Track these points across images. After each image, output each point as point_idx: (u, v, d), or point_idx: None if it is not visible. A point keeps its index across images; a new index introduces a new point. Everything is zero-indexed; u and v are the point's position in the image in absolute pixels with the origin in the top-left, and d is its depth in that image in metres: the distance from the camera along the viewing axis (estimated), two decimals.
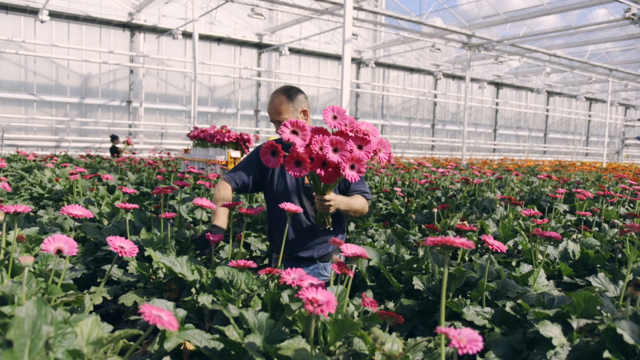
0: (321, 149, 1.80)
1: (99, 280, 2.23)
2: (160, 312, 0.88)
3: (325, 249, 2.47)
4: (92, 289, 1.94)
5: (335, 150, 1.82)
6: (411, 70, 23.20)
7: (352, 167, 1.82)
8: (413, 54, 22.33)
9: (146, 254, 2.08)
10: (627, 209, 4.23)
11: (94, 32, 15.65)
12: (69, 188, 4.28)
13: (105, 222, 2.90)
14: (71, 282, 1.79)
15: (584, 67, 21.15)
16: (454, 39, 17.04)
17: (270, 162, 1.91)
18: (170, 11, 16.33)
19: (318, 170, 1.85)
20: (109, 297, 1.88)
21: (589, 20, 18.76)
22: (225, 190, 2.41)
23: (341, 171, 1.79)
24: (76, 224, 3.06)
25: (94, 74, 15.96)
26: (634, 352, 1.27)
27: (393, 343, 1.05)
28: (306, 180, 2.46)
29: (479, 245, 2.71)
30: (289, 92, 2.50)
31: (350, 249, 1.34)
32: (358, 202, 2.36)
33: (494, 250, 1.45)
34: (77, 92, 15.73)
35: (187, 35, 15.54)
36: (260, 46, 18.77)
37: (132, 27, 16.17)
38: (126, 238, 2.28)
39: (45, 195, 4.32)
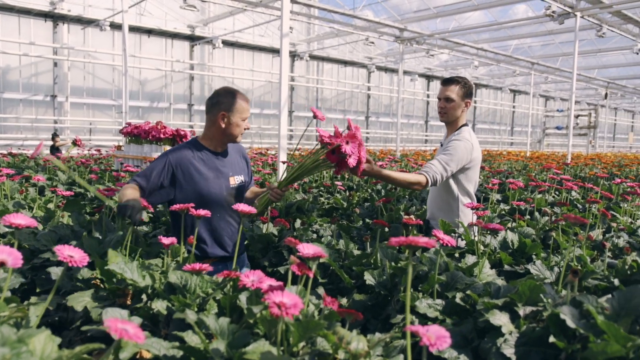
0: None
1: (38, 289, 2.12)
2: (126, 324, 0.86)
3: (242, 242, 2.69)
4: (32, 299, 1.85)
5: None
6: (345, 63, 23.42)
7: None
8: (347, 47, 22.55)
9: (90, 259, 2.01)
10: (553, 196, 4.49)
11: (12, 22, 14.73)
12: None
13: (40, 226, 2.76)
14: (8, 294, 1.70)
15: (509, 60, 22.12)
16: (386, 32, 17.34)
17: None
18: (96, 1, 15.64)
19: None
20: (51, 308, 1.79)
21: (510, 16, 19.63)
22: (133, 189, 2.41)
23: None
24: (6, 230, 2.89)
25: (13, 66, 15.04)
26: (575, 335, 1.37)
27: (358, 342, 1.07)
28: (232, 182, 2.58)
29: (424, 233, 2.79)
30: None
31: (307, 249, 1.35)
32: None
33: (444, 244, 1.51)
34: None
35: (115, 26, 14.92)
36: (192, 38, 18.35)
37: (54, 17, 15.36)
38: (66, 244, 2.19)
39: None
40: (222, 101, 2.48)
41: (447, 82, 2.91)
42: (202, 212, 1.77)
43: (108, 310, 1.35)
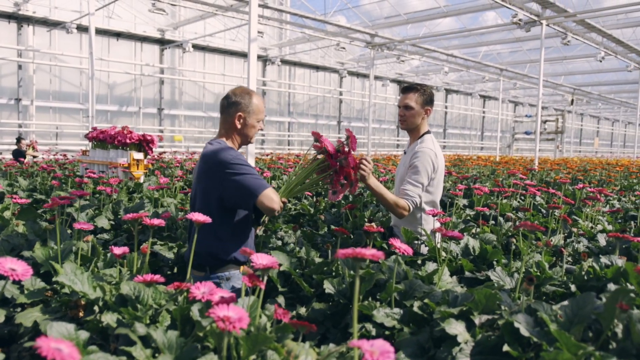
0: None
1: None
2: (60, 343, 0.82)
3: None
4: None
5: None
6: (317, 68, 23.47)
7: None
8: (319, 52, 22.61)
9: (42, 270, 1.95)
10: (518, 201, 4.54)
11: None
12: None
13: None
14: None
15: (478, 66, 22.50)
16: (358, 38, 17.44)
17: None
18: (63, 3, 15.33)
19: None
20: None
21: (480, 23, 20.00)
22: None
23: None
24: None
25: None
26: (529, 343, 1.37)
27: (307, 355, 1.05)
28: None
29: (388, 240, 2.79)
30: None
31: (260, 259, 1.33)
32: None
33: (401, 253, 1.50)
34: None
35: (82, 29, 14.61)
36: (162, 42, 18.13)
37: (19, 19, 15.00)
38: (19, 254, 2.11)
39: None
40: (239, 101, 2.44)
41: (406, 89, 2.90)
42: None
43: (53, 325, 1.30)
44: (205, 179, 2.37)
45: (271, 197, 2.22)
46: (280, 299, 1.91)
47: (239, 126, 2.46)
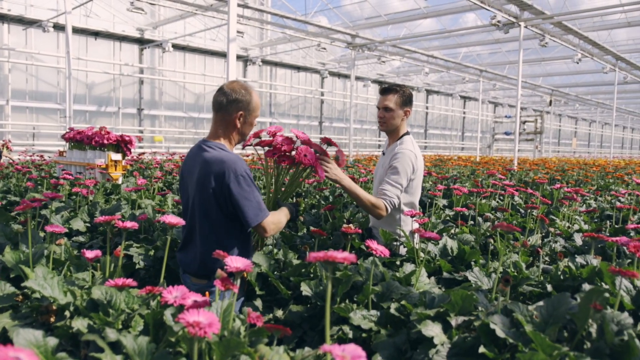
0: None
1: None
2: (19, 352, 0.79)
3: None
4: None
5: None
6: (298, 68, 23.44)
7: None
8: (300, 52, 22.58)
9: (12, 274, 1.90)
10: (497, 201, 4.58)
11: None
12: None
13: None
14: None
15: (458, 67, 22.68)
16: (339, 38, 17.46)
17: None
18: (39, 1, 15.08)
19: None
20: None
21: (460, 24, 20.18)
22: None
23: None
24: None
25: None
26: (505, 344, 1.37)
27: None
28: None
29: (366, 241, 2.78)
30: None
31: (235, 262, 1.31)
32: None
33: (377, 255, 1.49)
34: None
35: (59, 27, 14.40)
36: (142, 42, 17.93)
37: None
38: None
39: None
40: (240, 99, 2.27)
41: (385, 91, 2.86)
42: None
43: (20, 332, 1.26)
44: (206, 187, 2.18)
45: (264, 228, 2.15)
46: (258, 302, 1.89)
47: (238, 125, 2.30)
